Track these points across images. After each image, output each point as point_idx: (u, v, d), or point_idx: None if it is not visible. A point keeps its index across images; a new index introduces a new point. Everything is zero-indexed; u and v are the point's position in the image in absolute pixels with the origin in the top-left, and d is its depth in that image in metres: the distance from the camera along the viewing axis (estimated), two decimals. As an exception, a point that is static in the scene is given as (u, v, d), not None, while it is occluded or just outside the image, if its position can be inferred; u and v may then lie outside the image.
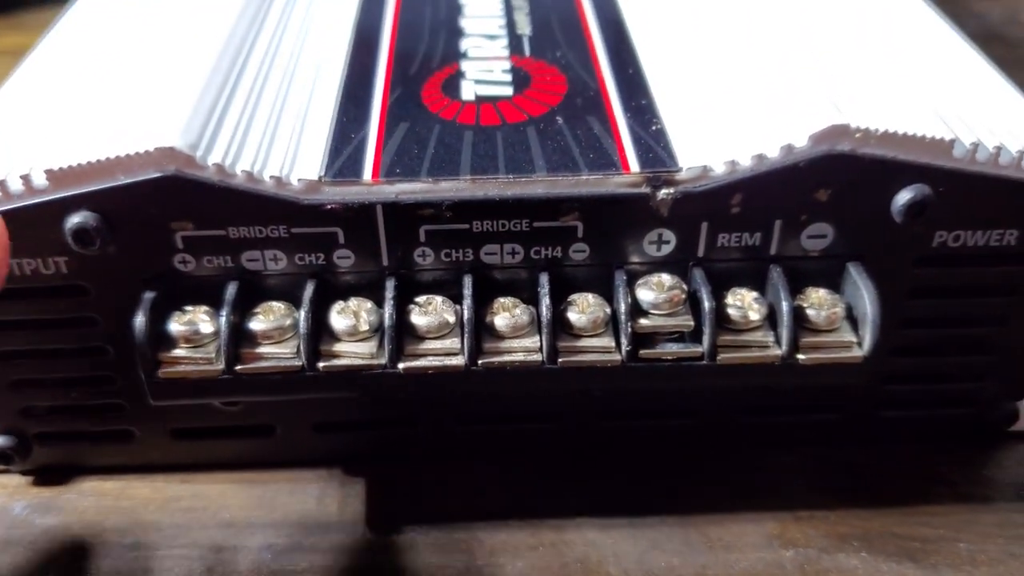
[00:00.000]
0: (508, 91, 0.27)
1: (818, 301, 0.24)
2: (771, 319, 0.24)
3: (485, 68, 0.28)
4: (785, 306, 0.24)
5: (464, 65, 0.29)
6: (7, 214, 0.23)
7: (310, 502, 0.28)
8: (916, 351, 0.27)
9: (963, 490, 0.28)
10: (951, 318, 0.26)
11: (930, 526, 0.27)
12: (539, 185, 0.23)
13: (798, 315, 0.24)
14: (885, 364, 0.27)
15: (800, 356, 0.24)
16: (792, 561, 0.26)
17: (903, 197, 0.24)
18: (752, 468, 0.28)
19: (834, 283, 0.25)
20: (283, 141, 0.25)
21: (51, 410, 0.28)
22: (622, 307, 0.24)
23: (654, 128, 0.25)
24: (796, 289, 0.24)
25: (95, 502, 0.28)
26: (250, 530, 0.27)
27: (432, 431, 0.28)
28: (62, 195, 0.23)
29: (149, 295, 0.24)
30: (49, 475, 0.29)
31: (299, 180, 0.23)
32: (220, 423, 0.28)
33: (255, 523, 0.27)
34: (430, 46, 0.30)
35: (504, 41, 0.30)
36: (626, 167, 0.24)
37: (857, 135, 0.23)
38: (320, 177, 0.24)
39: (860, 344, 0.24)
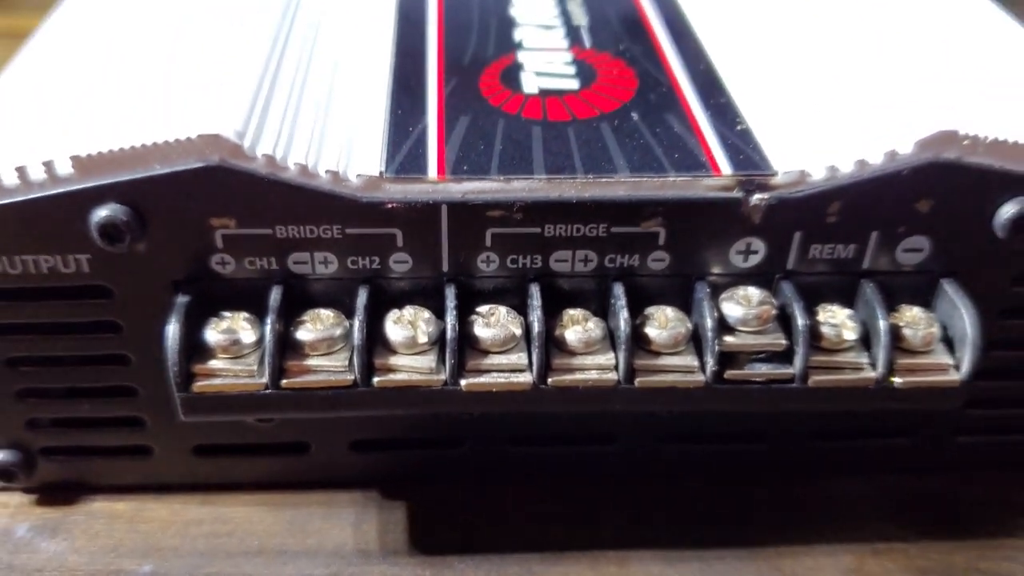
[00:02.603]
0: (574, 84, 0.25)
1: (913, 320, 0.23)
2: (863, 339, 0.22)
3: (545, 60, 0.26)
4: (882, 325, 0.22)
5: (521, 56, 0.26)
6: (26, 205, 0.21)
7: (347, 528, 0.25)
8: (1000, 374, 0.25)
9: (1046, 522, 0.26)
10: (1041, 339, 0.25)
11: (1017, 561, 0.25)
12: (621, 187, 0.21)
13: (892, 335, 0.22)
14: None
15: (896, 380, 0.22)
16: (873, 598, 0.24)
17: (1008, 210, 0.22)
18: (824, 497, 0.26)
19: (924, 301, 0.23)
20: (335, 132, 0.23)
21: (60, 422, 0.25)
22: (707, 322, 0.22)
23: (739, 128, 0.23)
24: (888, 307, 0.23)
25: (107, 524, 0.25)
26: (282, 559, 0.25)
27: (482, 452, 0.26)
28: (89, 185, 0.20)
29: (183, 299, 0.22)
30: (55, 494, 0.26)
31: (358, 176, 0.21)
32: (249, 440, 0.25)
33: (287, 551, 0.25)
34: (481, 35, 0.28)
35: (561, 32, 0.28)
36: (716, 169, 0.22)
37: (965, 142, 0.21)
38: (381, 173, 0.21)
39: (957, 367, 0.22)
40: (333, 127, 0.23)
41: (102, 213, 0.21)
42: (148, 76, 0.23)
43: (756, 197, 0.21)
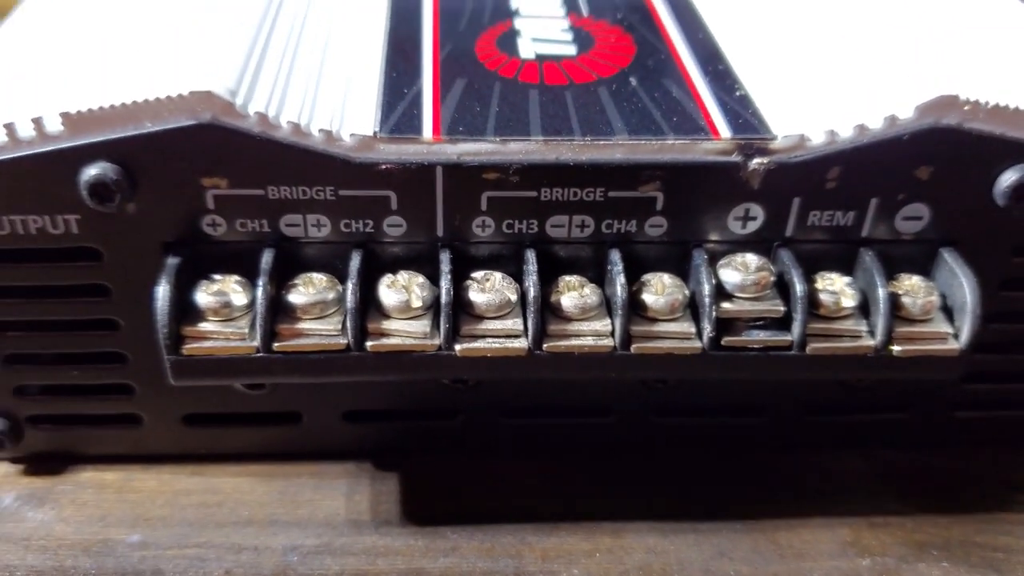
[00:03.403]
0: (571, 50, 0.25)
1: (912, 288, 0.22)
2: (861, 307, 0.22)
3: (542, 26, 0.26)
4: (881, 293, 0.22)
5: (518, 23, 0.26)
6: (15, 163, 0.20)
7: (339, 499, 0.25)
8: (999, 347, 0.25)
9: (1043, 498, 0.26)
10: (1041, 313, 0.25)
11: (1012, 535, 0.25)
12: (619, 149, 0.21)
13: (892, 303, 0.22)
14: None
15: (895, 348, 0.22)
16: (869, 570, 0.24)
17: (1008, 178, 0.22)
18: (821, 471, 0.26)
19: (923, 270, 0.23)
20: (329, 93, 0.22)
21: (48, 390, 0.25)
22: (705, 289, 0.21)
23: (738, 94, 0.23)
24: (887, 275, 0.22)
25: (95, 494, 0.25)
26: (272, 529, 0.24)
27: (476, 424, 0.26)
28: (79, 143, 0.20)
29: (173, 261, 0.21)
30: (42, 463, 0.26)
31: (351, 135, 0.21)
32: (240, 408, 0.25)
33: (278, 521, 0.24)
34: (477, 2, 0.27)
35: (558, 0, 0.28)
36: (715, 133, 0.21)
37: (966, 108, 0.21)
38: (375, 133, 0.21)
39: (956, 336, 0.22)
40: (327, 88, 0.23)
41: (92, 172, 0.20)
42: (140, 34, 0.23)
43: (755, 161, 0.21)
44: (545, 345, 0.21)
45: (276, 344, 0.21)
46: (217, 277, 0.22)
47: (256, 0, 0.25)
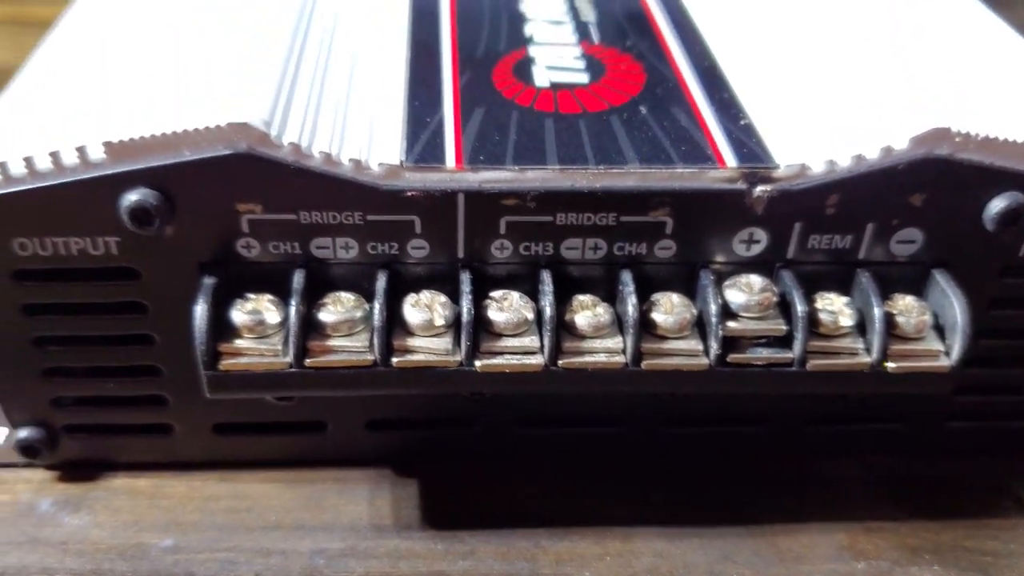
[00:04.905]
0: (584, 78, 0.26)
1: (906, 308, 0.24)
2: (859, 326, 0.24)
3: (556, 54, 0.27)
4: (877, 312, 0.23)
5: (532, 50, 0.27)
6: (58, 189, 0.21)
7: (361, 504, 0.26)
8: (989, 362, 0.26)
9: (1030, 504, 0.27)
10: (1028, 329, 0.26)
11: (1000, 540, 0.26)
12: (631, 177, 0.22)
13: (887, 322, 0.23)
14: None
15: (889, 364, 0.23)
16: (864, 573, 0.25)
17: (997, 205, 0.23)
18: (819, 478, 0.28)
19: (916, 290, 0.24)
20: (356, 123, 0.23)
21: (83, 401, 0.26)
22: (711, 308, 0.23)
23: (743, 123, 0.24)
24: (883, 295, 0.24)
25: (128, 500, 0.26)
26: (299, 533, 0.25)
27: (492, 432, 0.27)
28: (120, 170, 0.21)
29: (210, 281, 0.22)
30: (76, 470, 0.27)
31: (379, 164, 0.22)
32: (268, 418, 0.26)
33: (304, 526, 0.26)
34: (493, 29, 0.28)
35: (570, 27, 0.29)
36: (721, 162, 0.23)
37: (957, 139, 0.22)
38: (401, 162, 0.22)
39: (948, 353, 0.23)
40: (354, 118, 0.24)
41: (132, 197, 0.21)
42: (175, 65, 0.24)
43: (759, 189, 0.22)
44: (560, 362, 0.23)
45: (308, 360, 0.22)
46: (251, 296, 0.23)
47: (284, 30, 0.26)
